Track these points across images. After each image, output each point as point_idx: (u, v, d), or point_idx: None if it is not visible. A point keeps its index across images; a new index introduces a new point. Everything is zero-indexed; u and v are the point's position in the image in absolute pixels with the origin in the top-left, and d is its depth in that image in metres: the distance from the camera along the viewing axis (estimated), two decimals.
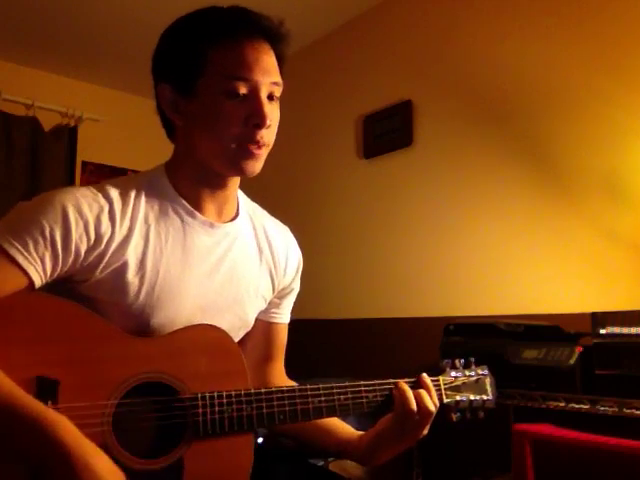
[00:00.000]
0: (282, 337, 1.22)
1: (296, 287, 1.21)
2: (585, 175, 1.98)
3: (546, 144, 2.09)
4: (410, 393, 1.01)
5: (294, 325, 1.25)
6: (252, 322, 1.12)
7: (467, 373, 1.13)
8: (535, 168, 2.12)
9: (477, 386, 1.13)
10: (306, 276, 1.23)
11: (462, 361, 1.14)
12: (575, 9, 2.06)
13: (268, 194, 1.23)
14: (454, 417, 1.09)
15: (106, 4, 2.78)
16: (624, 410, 1.42)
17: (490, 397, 1.13)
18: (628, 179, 1.86)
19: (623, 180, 1.87)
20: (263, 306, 1.15)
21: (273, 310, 1.18)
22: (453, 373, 1.12)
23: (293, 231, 1.22)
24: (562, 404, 1.53)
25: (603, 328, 1.53)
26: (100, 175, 3.50)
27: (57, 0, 2.75)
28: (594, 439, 1.38)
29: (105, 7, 2.81)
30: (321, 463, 1.59)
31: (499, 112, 2.26)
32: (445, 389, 1.09)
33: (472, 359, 1.16)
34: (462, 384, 1.11)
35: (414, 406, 1.00)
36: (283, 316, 1.21)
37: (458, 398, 1.10)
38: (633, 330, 1.48)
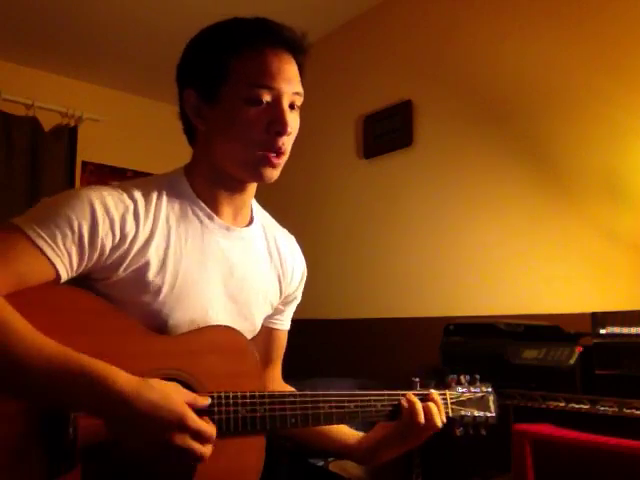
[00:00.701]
0: (282, 343, 1.25)
1: (299, 296, 1.24)
2: (585, 175, 1.98)
3: (546, 144, 2.09)
4: (420, 406, 1.04)
5: (294, 325, 1.26)
6: (259, 327, 1.14)
7: (472, 389, 1.16)
8: (535, 168, 2.12)
9: (482, 403, 1.16)
10: (306, 276, 1.24)
11: (467, 377, 1.17)
12: (575, 9, 2.06)
13: (268, 194, 1.23)
14: (458, 432, 1.12)
15: (106, 4, 2.78)
16: (624, 410, 1.42)
17: (493, 414, 1.16)
18: (628, 179, 1.86)
19: (623, 180, 1.87)
20: (269, 312, 1.17)
21: (276, 317, 1.21)
22: (459, 389, 1.14)
23: (293, 231, 1.23)
24: (562, 404, 1.53)
25: (603, 328, 1.53)
26: (100, 175, 3.51)
27: (57, 0, 2.75)
28: (594, 439, 1.38)
29: (105, 7, 2.81)
30: (321, 463, 1.59)
31: (499, 112, 2.26)
32: (451, 403, 1.11)
33: (477, 376, 1.18)
34: (467, 400, 1.14)
35: (422, 419, 1.03)
36: (284, 323, 1.23)
37: (463, 413, 1.13)
38: (633, 330, 1.49)
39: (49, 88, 3.43)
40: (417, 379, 1.12)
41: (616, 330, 1.51)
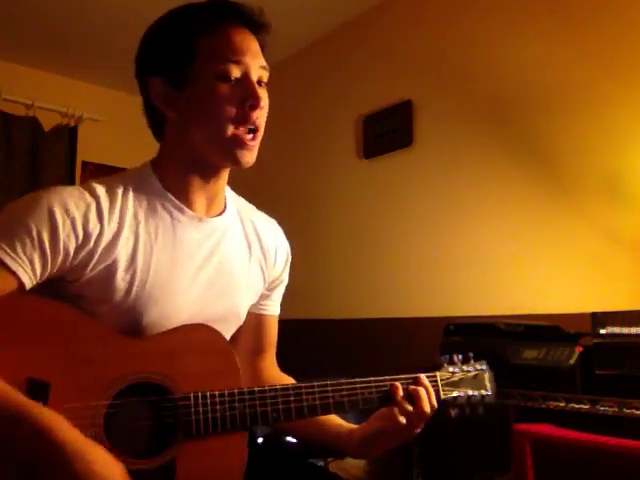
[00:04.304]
0: (272, 329, 1.21)
1: (285, 278, 1.21)
2: (585, 175, 1.98)
3: (546, 144, 2.09)
4: (406, 392, 1.01)
5: (295, 325, 1.25)
6: (244, 316, 1.12)
7: (465, 368, 1.11)
8: (535, 168, 2.12)
9: (475, 381, 1.11)
10: (306, 276, 1.24)
11: (460, 356, 1.13)
12: (575, 9, 2.06)
13: (268, 194, 1.23)
14: (452, 413, 1.08)
15: (106, 4, 2.78)
16: (624, 410, 1.42)
17: (489, 392, 1.11)
18: (628, 179, 1.85)
19: (623, 180, 1.87)
20: (255, 299, 1.15)
21: (263, 302, 1.18)
22: (451, 369, 1.10)
23: (293, 231, 1.22)
24: (562, 404, 1.53)
25: (603, 328, 1.53)
26: (100, 175, 3.46)
27: (57, 0, 2.75)
28: (594, 439, 1.38)
29: (105, 7, 2.81)
30: (321, 463, 1.59)
31: (499, 112, 2.26)
32: (442, 385, 1.07)
33: (470, 354, 1.14)
34: (460, 380, 1.10)
35: (409, 405, 1.00)
36: (273, 308, 1.20)
37: (456, 394, 1.08)
38: (633, 330, 1.48)
39: (49, 88, 3.43)
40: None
41: (616, 330, 1.51)
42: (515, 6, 2.24)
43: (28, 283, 0.89)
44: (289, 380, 1.18)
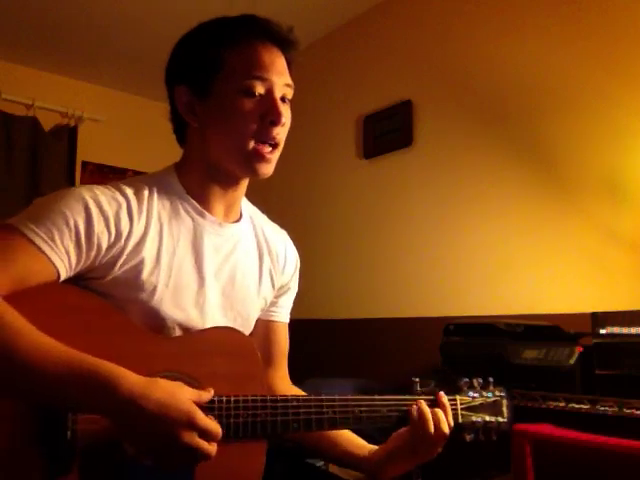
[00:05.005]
0: (282, 338, 1.22)
1: (294, 286, 1.22)
2: (585, 175, 1.97)
3: (546, 144, 2.09)
4: (428, 413, 1.01)
5: (295, 325, 1.25)
6: (253, 323, 1.13)
7: (485, 394, 1.12)
8: (535, 168, 2.12)
9: (494, 408, 1.12)
10: (306, 276, 1.23)
11: (480, 381, 1.13)
12: (575, 9, 2.06)
13: (268, 194, 1.23)
14: (467, 438, 1.08)
15: (106, 4, 2.78)
16: (624, 410, 1.42)
17: (505, 419, 1.12)
18: (628, 179, 1.85)
19: (623, 180, 1.87)
20: (264, 306, 1.16)
21: (272, 308, 1.19)
22: (471, 393, 1.11)
23: (293, 231, 1.23)
24: (562, 404, 1.53)
25: (603, 328, 1.53)
26: (100, 175, 3.51)
27: (57, 0, 2.75)
28: (594, 439, 1.38)
29: (105, 7, 2.80)
30: (321, 463, 1.59)
31: (499, 112, 2.26)
32: (461, 409, 1.08)
33: (490, 379, 1.14)
34: (479, 405, 1.10)
35: (431, 427, 1.00)
36: (281, 315, 1.21)
37: (474, 419, 1.09)
38: (633, 330, 1.48)
39: (49, 88, 3.43)
40: (417, 379, 1.09)
41: (616, 330, 1.51)
42: (515, 6, 2.24)
43: (63, 274, 0.89)
44: (300, 394, 1.16)
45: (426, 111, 2.52)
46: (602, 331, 1.53)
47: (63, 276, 0.89)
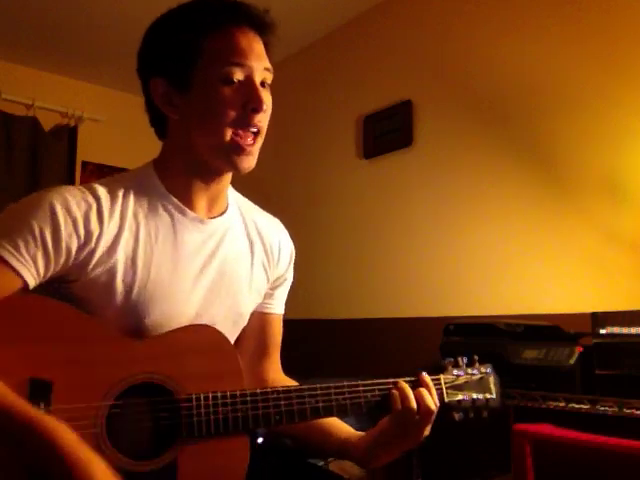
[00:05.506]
0: (276, 329, 1.20)
1: (289, 277, 1.20)
2: (585, 175, 1.98)
3: (546, 144, 2.09)
4: (409, 392, 1.00)
5: (295, 325, 1.25)
6: (247, 317, 1.12)
7: (470, 371, 1.10)
8: (535, 168, 2.12)
9: (480, 385, 1.10)
10: (306, 276, 1.23)
11: (465, 359, 1.11)
12: (575, 9, 2.06)
13: (268, 194, 1.23)
14: (456, 416, 1.07)
15: (106, 4, 2.78)
16: (624, 410, 1.42)
17: (494, 396, 1.10)
18: (628, 179, 1.85)
19: (623, 180, 1.87)
20: (259, 300, 1.14)
21: (266, 301, 1.17)
22: (455, 371, 1.09)
23: (293, 231, 1.22)
24: (562, 404, 1.53)
25: (603, 328, 1.53)
26: (100, 175, 3.50)
27: (57, 0, 2.75)
28: (594, 439, 1.38)
29: (105, 7, 2.80)
30: (321, 463, 1.59)
31: (499, 112, 2.26)
32: (446, 388, 1.06)
33: (476, 357, 1.13)
34: (464, 383, 1.09)
35: (414, 405, 0.98)
36: (276, 307, 1.19)
37: (460, 397, 1.07)
38: (633, 330, 1.48)
39: (49, 88, 3.43)
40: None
41: (616, 330, 1.51)
42: (515, 6, 2.24)
43: (32, 283, 0.89)
44: (295, 385, 1.16)
45: (426, 111, 2.52)
46: (602, 331, 1.53)
47: (32, 284, 0.89)
